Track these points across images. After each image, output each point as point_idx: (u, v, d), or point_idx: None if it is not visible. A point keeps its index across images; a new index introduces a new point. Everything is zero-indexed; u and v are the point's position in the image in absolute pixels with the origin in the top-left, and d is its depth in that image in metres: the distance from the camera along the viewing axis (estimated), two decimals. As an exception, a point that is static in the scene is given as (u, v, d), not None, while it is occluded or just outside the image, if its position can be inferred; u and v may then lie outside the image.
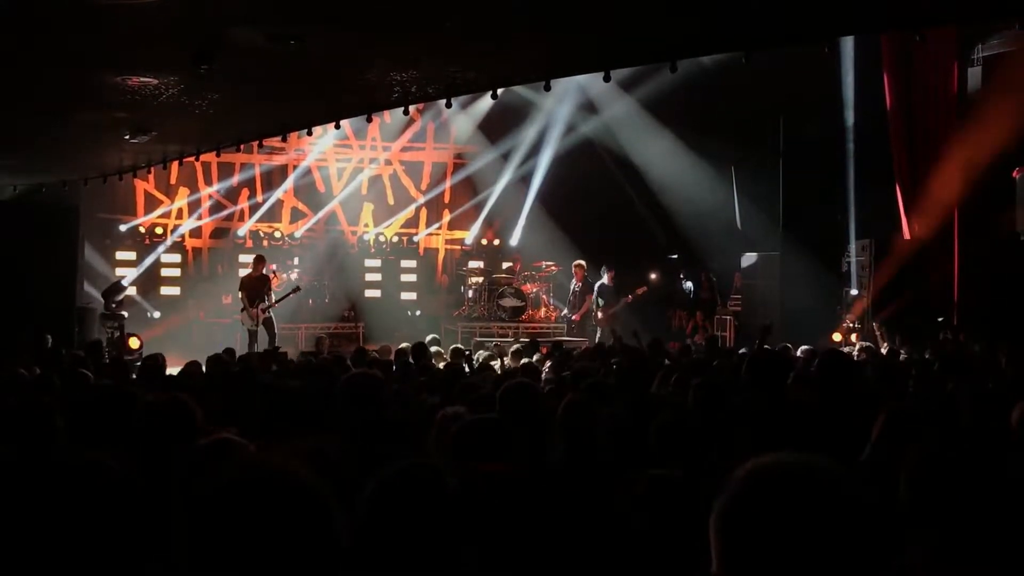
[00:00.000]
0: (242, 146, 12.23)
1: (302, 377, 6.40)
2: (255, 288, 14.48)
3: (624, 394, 5.07)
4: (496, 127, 19.51)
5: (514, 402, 4.20)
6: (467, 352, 9.77)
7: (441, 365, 8.80)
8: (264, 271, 14.85)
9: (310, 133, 11.96)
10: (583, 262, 16.63)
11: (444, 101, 9.21)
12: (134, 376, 7.66)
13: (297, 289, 15.42)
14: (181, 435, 3.04)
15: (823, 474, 1.43)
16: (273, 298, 14.62)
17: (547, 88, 8.80)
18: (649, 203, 18.99)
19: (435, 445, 3.71)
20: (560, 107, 18.59)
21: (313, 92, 8.87)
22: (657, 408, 3.90)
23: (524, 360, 9.82)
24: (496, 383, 5.22)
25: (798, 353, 9.19)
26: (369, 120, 10.57)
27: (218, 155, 13.40)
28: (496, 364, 9.48)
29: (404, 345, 10.67)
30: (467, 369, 7.96)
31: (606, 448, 3.87)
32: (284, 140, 11.43)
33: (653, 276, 17.70)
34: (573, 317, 16.30)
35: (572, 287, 16.49)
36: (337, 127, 11.08)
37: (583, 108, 18.56)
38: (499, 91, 9.08)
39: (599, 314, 15.90)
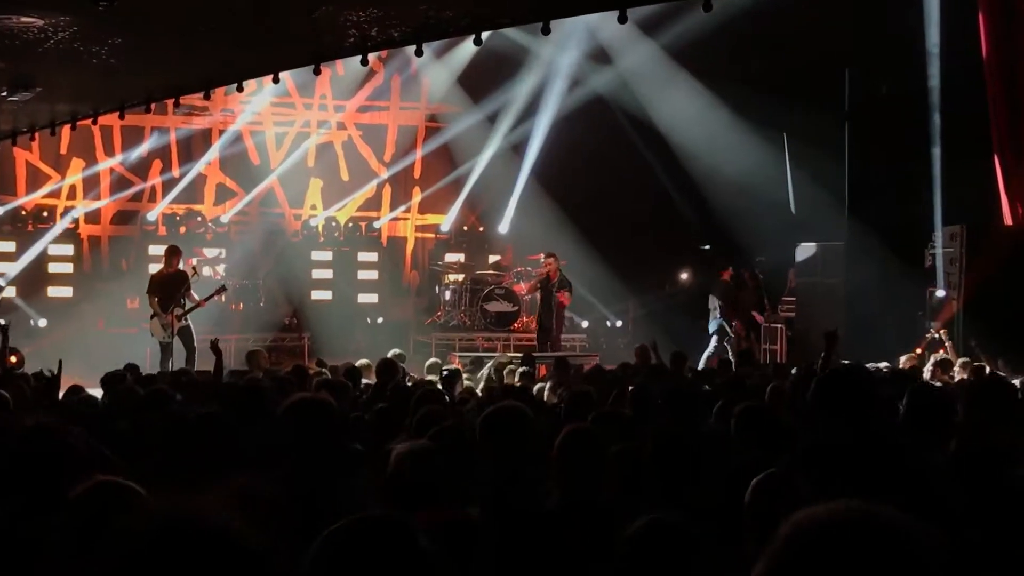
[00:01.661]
0: (153, 106, 12.20)
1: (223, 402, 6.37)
2: (169, 288, 14.44)
3: (644, 425, 5.13)
4: (481, 81, 19.38)
5: (500, 433, 4.22)
6: (446, 371, 9.80)
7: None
8: (181, 266, 14.76)
9: (240, 89, 11.96)
10: (554, 253, 16.46)
11: (413, 48, 9.20)
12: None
13: (223, 289, 15.37)
14: (51, 476, 3.04)
15: (889, 529, 1.43)
16: (193, 300, 14.50)
17: (545, 31, 8.80)
18: (677, 179, 18.94)
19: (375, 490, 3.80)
20: (562, 56, 18.52)
21: (244, 37, 8.87)
22: (687, 443, 3.99)
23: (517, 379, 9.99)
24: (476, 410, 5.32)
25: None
26: (317, 72, 10.53)
27: (122, 117, 13.30)
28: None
29: (363, 361, 10.71)
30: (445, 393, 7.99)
31: (614, 490, 3.90)
32: (207, 98, 11.42)
33: (684, 275, 17.83)
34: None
35: (541, 285, 16.17)
36: (276, 81, 11.00)
37: (592, 57, 18.53)
38: (484, 35, 9.08)
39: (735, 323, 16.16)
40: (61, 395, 7.97)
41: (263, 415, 4.94)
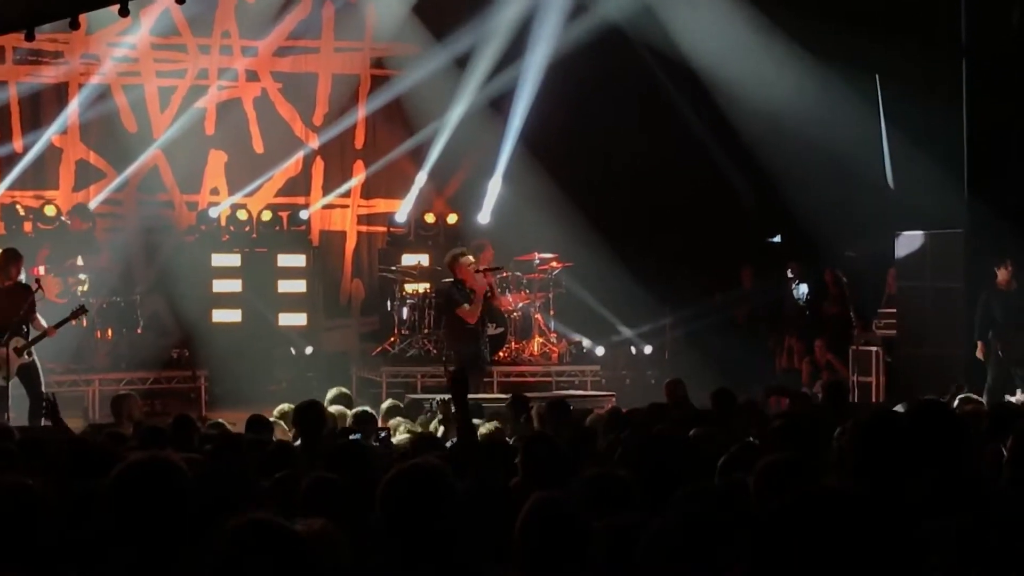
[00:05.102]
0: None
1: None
2: (5, 310, 14.62)
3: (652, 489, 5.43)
4: (447, 9, 19.67)
5: (408, 507, 4.45)
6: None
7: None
8: (22, 279, 15.01)
9: (75, 26, 12.00)
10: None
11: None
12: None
13: (83, 311, 15.58)
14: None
15: None
16: (40, 327, 14.75)
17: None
18: (727, 144, 19.18)
19: None
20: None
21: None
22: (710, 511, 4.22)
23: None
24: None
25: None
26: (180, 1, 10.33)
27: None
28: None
29: (283, 407, 10.97)
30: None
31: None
32: (30, 39, 10.97)
33: (746, 275, 17.63)
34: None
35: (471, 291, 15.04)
36: (123, 14, 11.10)
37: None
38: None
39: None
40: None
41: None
